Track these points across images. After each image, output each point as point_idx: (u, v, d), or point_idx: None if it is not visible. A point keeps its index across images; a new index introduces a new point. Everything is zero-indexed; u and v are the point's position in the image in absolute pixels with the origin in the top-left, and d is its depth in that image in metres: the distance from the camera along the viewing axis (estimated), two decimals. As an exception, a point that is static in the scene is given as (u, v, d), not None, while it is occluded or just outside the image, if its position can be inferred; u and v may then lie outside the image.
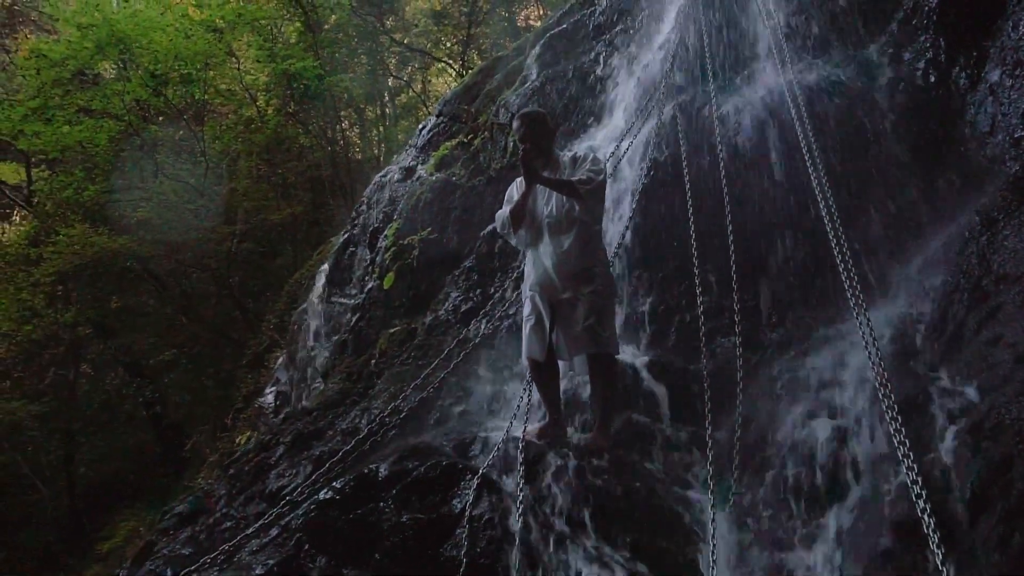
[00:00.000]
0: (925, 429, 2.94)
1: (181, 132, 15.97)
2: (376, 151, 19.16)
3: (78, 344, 15.81)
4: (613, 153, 5.42)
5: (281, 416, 6.13)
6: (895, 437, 2.72)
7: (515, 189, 4.38)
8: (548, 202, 4.16)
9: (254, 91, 15.22)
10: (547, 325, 3.99)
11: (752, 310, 4.56)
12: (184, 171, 14.74)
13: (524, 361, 4.11)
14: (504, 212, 4.29)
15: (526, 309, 4.12)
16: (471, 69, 17.49)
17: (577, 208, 4.05)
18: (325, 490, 3.59)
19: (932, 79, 4.68)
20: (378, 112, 19.30)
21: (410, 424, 4.25)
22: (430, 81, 17.72)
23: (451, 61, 16.98)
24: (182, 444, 14.04)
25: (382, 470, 3.57)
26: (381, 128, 19.00)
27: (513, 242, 4.38)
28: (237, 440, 9.98)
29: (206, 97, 14.53)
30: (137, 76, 12.92)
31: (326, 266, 9.19)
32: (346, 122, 17.55)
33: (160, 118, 15.34)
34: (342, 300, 8.75)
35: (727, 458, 3.45)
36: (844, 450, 3.11)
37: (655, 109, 5.59)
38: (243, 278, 15.35)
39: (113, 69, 13.48)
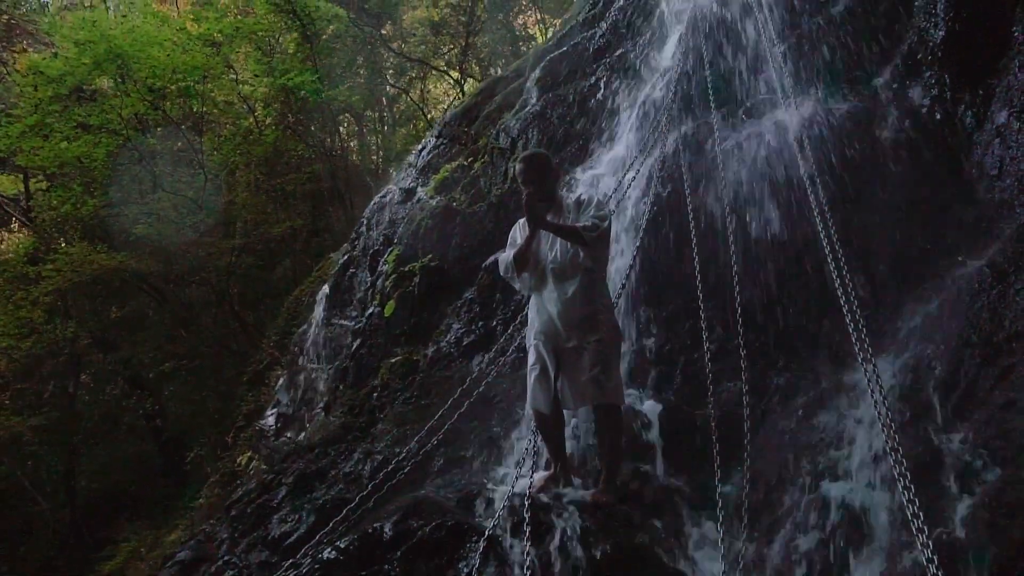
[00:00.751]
0: (938, 499, 2.90)
1: (179, 144, 15.93)
2: (375, 158, 19.10)
3: (78, 357, 15.77)
4: (616, 190, 5.36)
5: (283, 453, 6.08)
6: (908, 508, 2.67)
7: (518, 231, 4.33)
8: (552, 247, 4.12)
9: (252, 102, 15.17)
10: (552, 375, 3.95)
11: (759, 351, 4.51)
12: (183, 184, 14.70)
13: (529, 411, 4.07)
14: (508, 256, 4.24)
15: (531, 358, 4.07)
16: (470, 77, 17.45)
17: (582, 255, 4.01)
18: (329, 549, 3.55)
19: (938, 116, 4.63)
20: (377, 120, 19.24)
21: (413, 472, 4.20)
22: (429, 90, 17.65)
23: (449, 70, 16.92)
24: (183, 456, 14.01)
25: (386, 530, 3.53)
26: (379, 137, 18.95)
27: (517, 286, 4.33)
28: (238, 460, 9.95)
29: (204, 109, 14.49)
30: (135, 91, 12.86)
31: (326, 288, 9.15)
32: (344, 131, 17.48)
33: (158, 129, 15.31)
34: (343, 322, 8.70)
35: (735, 517, 3.40)
36: (855, 519, 3.07)
37: (658, 141, 5.54)
38: (242, 290, 15.30)
39: (111, 84, 13.41)
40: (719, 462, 3.46)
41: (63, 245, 12.18)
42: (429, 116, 18.10)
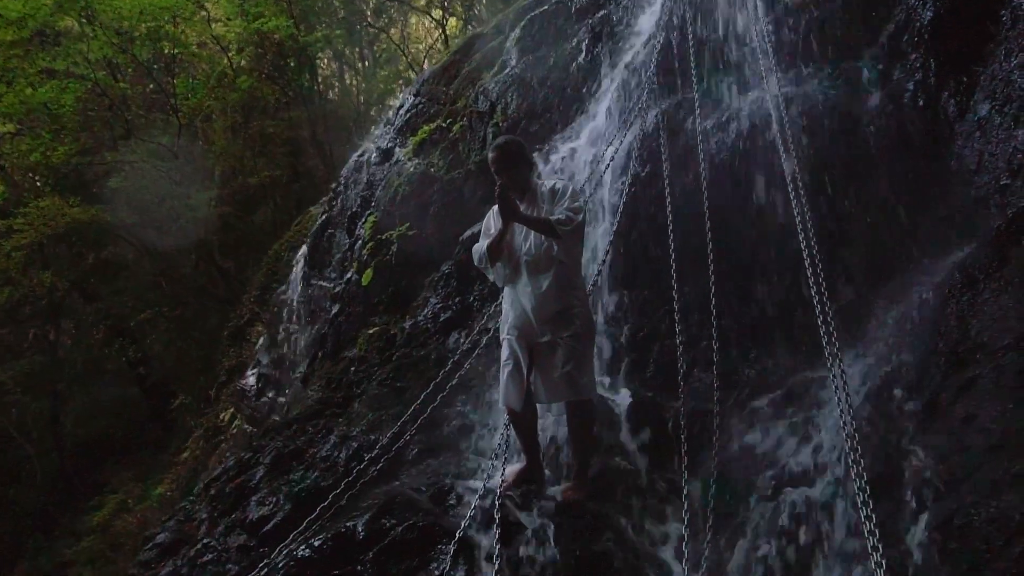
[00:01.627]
0: (896, 513, 2.97)
1: (151, 86, 15.41)
2: (360, 98, 18.62)
3: (57, 304, 15.64)
4: (593, 169, 5.27)
5: (263, 424, 6.12)
6: (865, 526, 2.75)
7: (492, 220, 4.26)
8: (527, 239, 4.06)
9: (226, 43, 14.63)
10: (524, 371, 3.96)
11: (733, 339, 4.54)
12: (157, 130, 14.31)
13: (501, 406, 4.10)
14: (481, 246, 4.18)
15: (503, 354, 4.07)
16: (452, 16, 16.89)
17: (556, 248, 3.97)
18: (303, 548, 3.62)
19: (920, 103, 4.54)
20: (357, 57, 18.69)
21: (388, 461, 4.24)
22: (409, 34, 17.10)
23: (430, 9, 16.36)
24: (168, 401, 14.12)
25: (359, 529, 3.59)
26: (360, 79, 18.44)
27: (491, 277, 4.29)
28: (221, 416, 10.07)
29: (176, 51, 13.97)
30: (102, 33, 12.35)
31: (305, 248, 9.06)
32: (324, 73, 16.98)
33: (129, 70, 14.79)
34: (322, 283, 8.67)
35: (701, 517, 3.48)
36: (815, 528, 3.15)
37: (638, 117, 5.42)
38: (222, 238, 15.10)
39: (76, 27, 12.86)
40: (686, 462, 3.52)
41: (33, 199, 11.88)
42: (410, 58, 17.60)
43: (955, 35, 4.51)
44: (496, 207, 4.15)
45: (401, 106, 8.68)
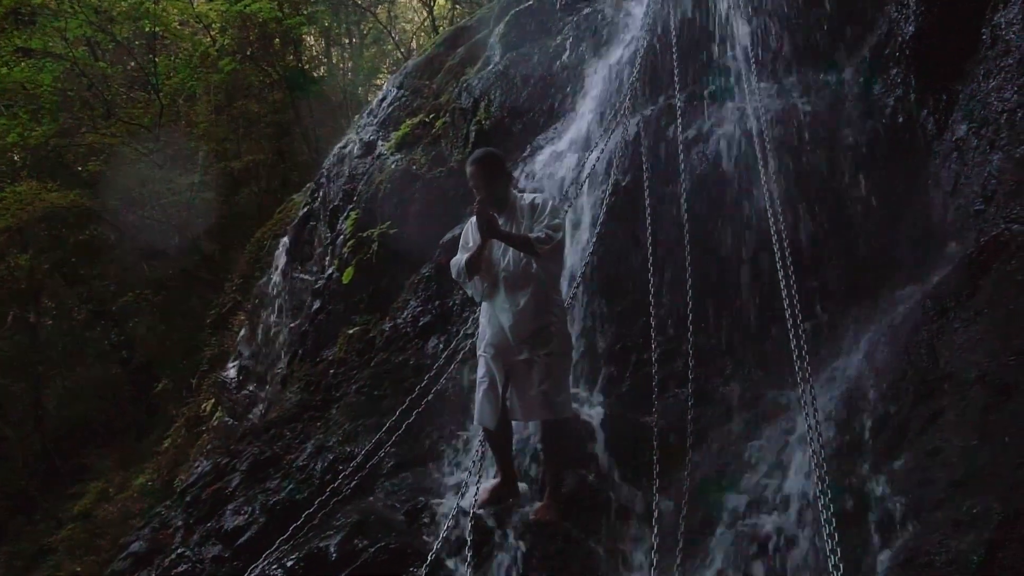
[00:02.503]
0: (861, 546, 3.01)
1: (132, 64, 15.12)
2: (349, 77, 18.36)
3: (37, 285, 15.48)
4: (575, 177, 5.24)
5: (239, 433, 6.12)
6: (830, 560, 2.79)
7: (471, 233, 4.22)
8: (505, 254, 4.04)
9: (208, 22, 14.35)
10: (500, 390, 3.96)
11: (709, 355, 4.55)
12: (138, 111, 14.08)
13: (476, 424, 4.11)
14: (460, 260, 4.16)
15: (479, 371, 4.07)
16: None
17: (535, 265, 3.95)
18: (276, 567, 3.63)
19: (900, 119, 4.54)
20: (344, 34, 18.41)
21: (363, 472, 4.25)
22: (396, 16, 16.85)
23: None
24: (151, 384, 14.07)
25: (332, 550, 3.61)
26: (346, 58, 18.20)
27: (469, 292, 4.28)
28: (203, 406, 10.05)
29: (157, 29, 13.69)
30: (80, 11, 12.09)
31: (286, 240, 8.99)
32: (310, 52, 16.72)
33: (110, 47, 14.50)
34: (303, 276, 8.61)
35: (672, 539, 3.52)
36: (782, 556, 3.20)
37: (620, 121, 5.37)
38: (205, 222, 14.95)
39: (53, 3, 12.56)
40: (657, 484, 3.55)
41: (10, 183, 11.68)
42: (396, 37, 17.37)
43: (937, 51, 4.50)
44: (475, 220, 4.12)
45: (384, 98, 8.57)
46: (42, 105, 12.84)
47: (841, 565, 2.74)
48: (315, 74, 16.30)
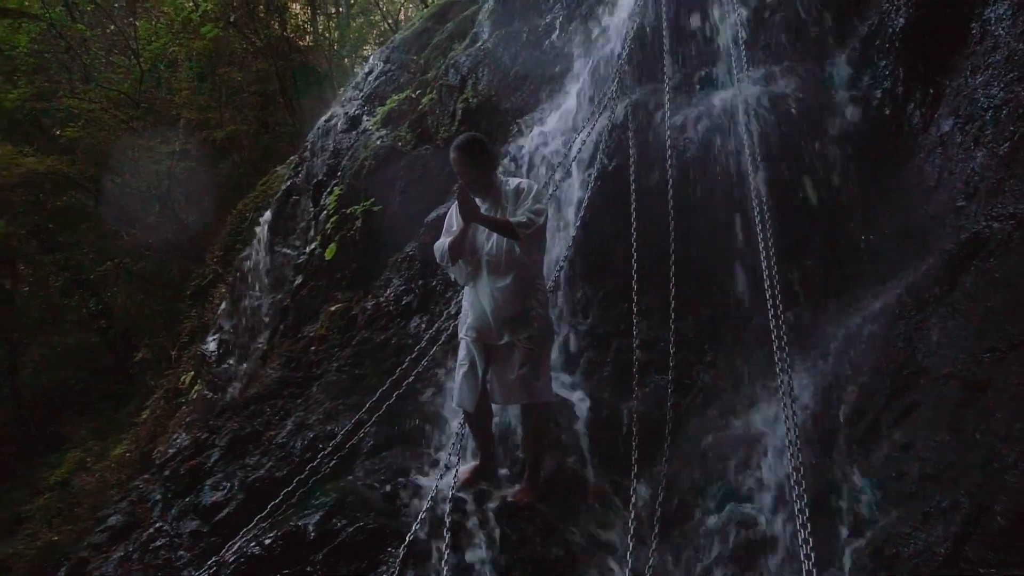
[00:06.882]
0: (832, 536, 3.07)
1: (111, 28, 14.78)
2: (329, 51, 18.08)
3: (13, 251, 15.24)
4: (559, 164, 5.21)
5: (218, 408, 6.09)
6: (802, 549, 2.85)
7: (454, 217, 4.20)
8: (489, 238, 4.02)
9: (191, -15, 14.02)
10: (479, 373, 3.97)
11: (690, 341, 4.58)
12: (117, 76, 13.78)
13: (455, 406, 4.12)
14: (443, 243, 4.14)
15: (460, 354, 4.07)
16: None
17: (518, 250, 3.94)
18: (254, 545, 3.64)
19: (887, 112, 4.54)
20: (330, 9, 18.10)
21: (343, 452, 4.25)
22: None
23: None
24: (130, 352, 13.95)
25: (310, 529, 3.62)
26: (333, 26, 17.89)
27: (452, 276, 4.26)
28: (182, 379, 9.98)
29: (138, -9, 13.38)
30: (57, -30, 11.78)
31: (268, 214, 8.88)
32: (295, 21, 16.40)
33: (90, 7, 14.14)
34: (286, 251, 8.54)
35: (649, 523, 3.57)
36: (756, 544, 3.25)
37: (608, 105, 5.34)
38: (186, 189, 14.75)
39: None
40: (636, 469, 3.59)
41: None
42: (384, 8, 17.09)
43: (926, 45, 4.50)
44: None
45: (370, 71, 8.45)
46: (17, 67, 12.55)
47: (813, 554, 2.80)
48: (300, 43, 16.00)
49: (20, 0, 11.72)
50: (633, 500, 3.43)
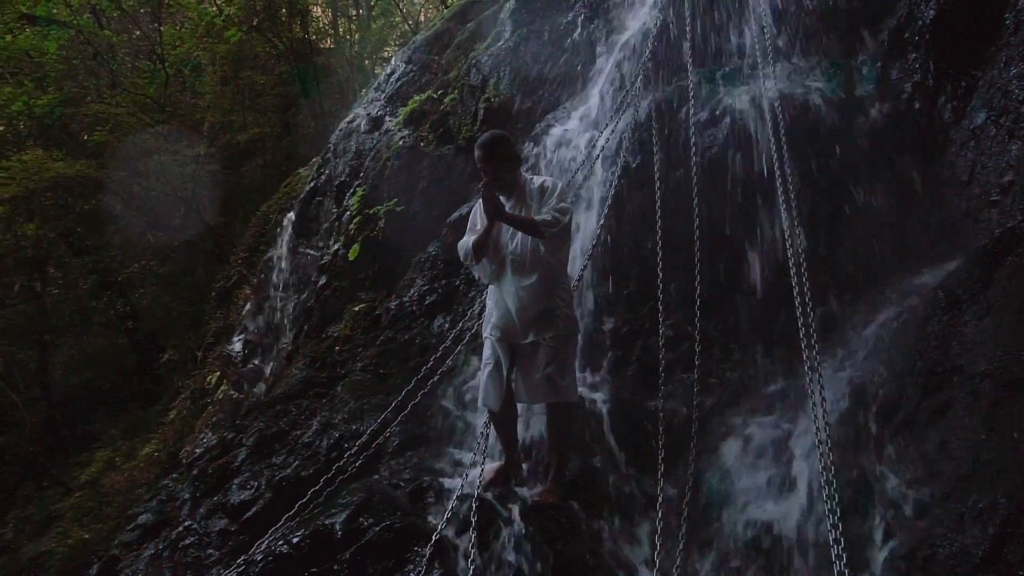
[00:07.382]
0: (864, 537, 3.02)
1: (137, 33, 14.99)
2: (350, 52, 18.20)
3: (43, 254, 15.51)
4: (583, 161, 5.19)
5: (244, 408, 6.14)
6: (833, 549, 2.80)
7: (479, 215, 4.19)
8: (513, 237, 4.01)
9: (215, -10, 14.18)
10: (504, 372, 3.96)
11: (716, 339, 4.53)
12: (143, 80, 13.97)
13: (480, 406, 4.11)
14: (467, 242, 4.13)
15: (485, 353, 4.07)
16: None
17: (543, 248, 3.92)
18: (282, 543, 3.66)
19: (917, 105, 4.47)
20: (351, 11, 18.22)
21: (368, 451, 4.27)
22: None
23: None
24: (157, 353, 14.14)
25: (337, 527, 3.63)
26: (354, 27, 18.00)
27: (476, 275, 4.26)
28: (208, 379, 10.10)
29: (164, -4, 13.55)
30: (84, -22, 11.97)
31: (292, 215, 8.96)
32: (317, 24, 16.53)
33: (116, 14, 14.34)
34: (309, 251, 8.60)
35: (676, 525, 3.53)
36: (785, 545, 3.21)
37: (631, 103, 5.30)
38: (210, 193, 14.92)
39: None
40: (663, 468, 3.56)
41: (16, 152, 11.64)
42: (404, 9, 17.17)
43: (957, 36, 4.41)
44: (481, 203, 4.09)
45: (392, 73, 8.48)
46: (47, 73, 12.77)
47: (844, 555, 2.76)
48: (321, 45, 16.13)
49: (48, 8, 11.89)
50: (660, 500, 3.40)
